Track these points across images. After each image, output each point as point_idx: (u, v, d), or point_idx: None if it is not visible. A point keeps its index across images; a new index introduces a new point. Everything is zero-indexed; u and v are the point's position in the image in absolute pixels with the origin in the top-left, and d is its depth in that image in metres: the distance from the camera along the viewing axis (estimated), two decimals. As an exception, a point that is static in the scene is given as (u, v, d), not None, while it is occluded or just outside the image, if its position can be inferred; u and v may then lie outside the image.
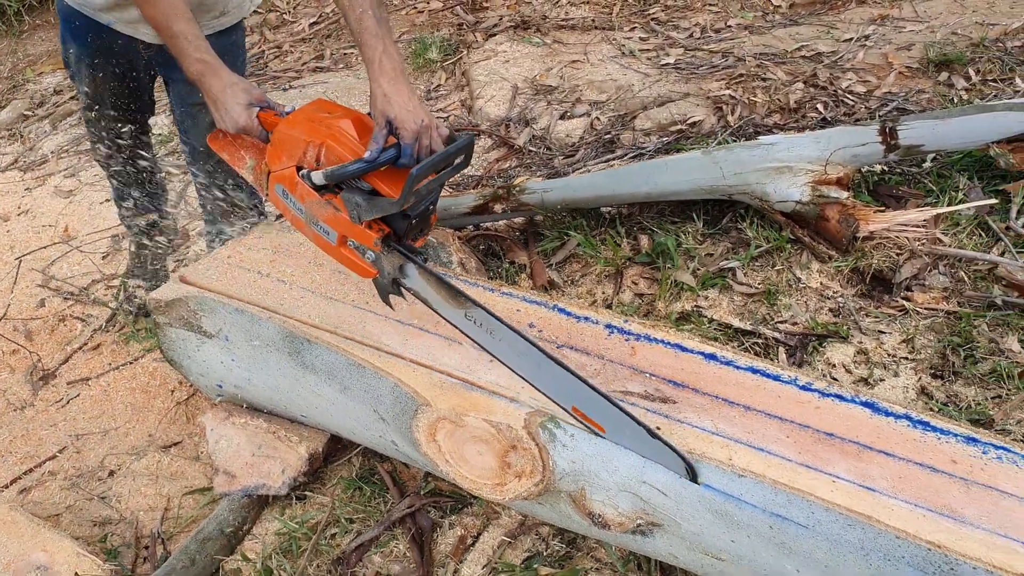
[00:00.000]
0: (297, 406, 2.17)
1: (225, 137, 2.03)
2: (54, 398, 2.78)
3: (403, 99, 1.77)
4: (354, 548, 2.05)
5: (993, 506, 1.49)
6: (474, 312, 1.73)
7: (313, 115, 1.81)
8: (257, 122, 1.90)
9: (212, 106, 1.95)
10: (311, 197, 1.78)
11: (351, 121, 1.76)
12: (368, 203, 1.72)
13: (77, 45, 2.38)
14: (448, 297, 1.76)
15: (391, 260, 1.79)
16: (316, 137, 1.75)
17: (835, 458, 1.60)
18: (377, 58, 1.83)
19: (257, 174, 1.98)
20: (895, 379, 2.29)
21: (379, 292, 1.87)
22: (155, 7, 1.92)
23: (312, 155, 1.75)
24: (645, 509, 1.67)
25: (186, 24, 1.92)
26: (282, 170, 1.82)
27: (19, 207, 3.91)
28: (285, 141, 1.80)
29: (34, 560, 2.09)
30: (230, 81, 1.92)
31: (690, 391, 1.79)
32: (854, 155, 2.65)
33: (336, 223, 1.78)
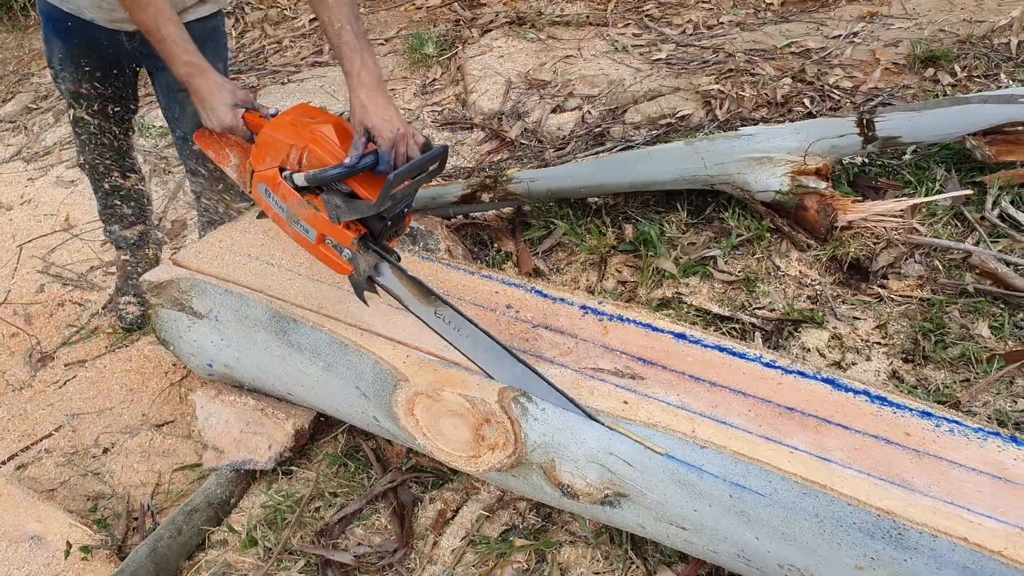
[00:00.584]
0: (284, 384, 2.24)
1: (211, 135, 2.12)
2: (52, 379, 2.86)
3: (380, 109, 1.86)
4: (337, 521, 2.12)
5: (942, 476, 1.55)
6: (443, 310, 1.83)
7: (297, 120, 1.89)
8: (242, 122, 1.98)
9: (199, 106, 2.03)
10: (293, 197, 1.86)
11: (332, 127, 1.84)
12: (347, 205, 1.80)
13: (61, 42, 2.42)
14: (419, 295, 1.86)
15: (367, 258, 1.87)
16: (299, 141, 1.83)
17: (794, 431, 1.66)
18: (356, 71, 1.92)
19: (241, 172, 2.07)
20: (867, 363, 2.35)
21: (354, 288, 1.95)
22: (144, 12, 1.99)
23: (295, 158, 1.83)
24: (612, 479, 1.73)
25: (174, 28, 2.00)
26: (265, 170, 1.90)
27: (22, 196, 3.99)
28: (269, 143, 1.88)
29: (28, 530, 2.16)
30: (217, 82, 2.00)
31: (659, 368, 1.85)
32: (833, 146, 2.71)
33: (316, 222, 1.86)
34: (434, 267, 2.24)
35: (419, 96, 4.28)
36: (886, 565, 1.48)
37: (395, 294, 1.89)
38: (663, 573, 1.93)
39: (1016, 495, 1.49)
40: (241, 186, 2.10)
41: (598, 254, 2.82)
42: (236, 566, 2.05)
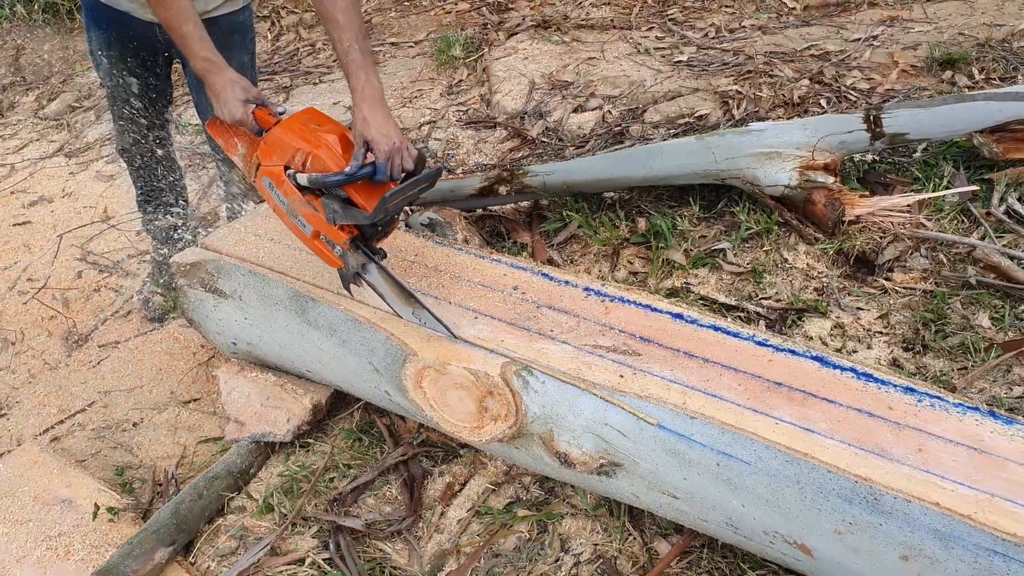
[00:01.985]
0: (303, 361, 2.35)
1: (221, 125, 2.26)
2: (86, 359, 3.00)
3: (380, 123, 2.00)
4: (350, 490, 2.22)
5: (920, 446, 1.61)
6: (420, 313, 2.01)
7: (306, 124, 2.04)
8: (252, 117, 2.12)
9: (214, 99, 2.18)
10: (294, 195, 2.02)
11: (337, 137, 1.99)
12: (343, 211, 1.96)
13: (99, 32, 2.58)
14: (400, 296, 2.03)
15: (356, 257, 2.03)
16: (306, 145, 1.98)
17: (781, 404, 1.73)
18: (361, 86, 2.06)
19: (247, 161, 2.21)
20: (868, 351, 2.41)
21: (342, 280, 2.10)
22: (167, 10, 2.15)
23: (300, 160, 1.98)
24: (607, 449, 1.81)
25: (193, 26, 2.16)
26: (271, 166, 2.05)
27: (63, 190, 4.16)
28: (278, 143, 2.03)
29: (59, 495, 2.29)
30: (231, 79, 2.15)
31: (655, 345, 1.93)
32: (841, 142, 2.77)
33: (313, 220, 2.02)
34: (446, 251, 2.34)
35: (445, 96, 4.40)
36: (863, 529, 1.55)
37: (379, 291, 2.06)
38: (659, 544, 2.00)
39: (989, 465, 1.55)
40: (245, 174, 2.25)
41: (611, 246, 2.90)
42: (253, 530, 2.16)
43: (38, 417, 2.76)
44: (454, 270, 2.25)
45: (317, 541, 2.12)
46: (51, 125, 4.87)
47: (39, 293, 3.40)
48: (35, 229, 3.87)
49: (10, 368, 3.03)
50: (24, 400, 2.87)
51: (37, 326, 3.23)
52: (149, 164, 2.89)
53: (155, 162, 2.89)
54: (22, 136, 4.79)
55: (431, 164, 2.12)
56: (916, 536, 1.49)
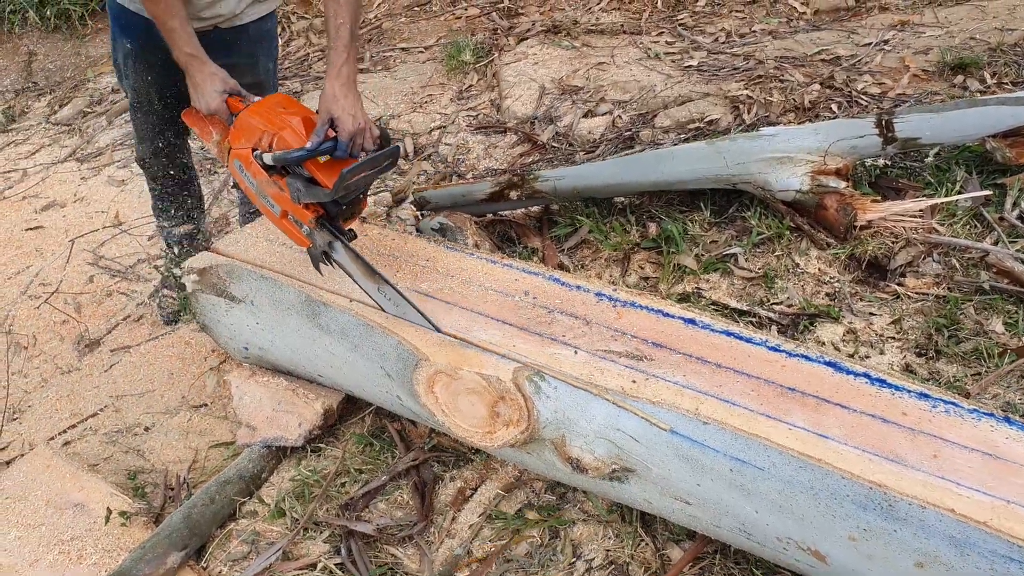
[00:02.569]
0: (314, 365, 2.35)
1: (197, 114, 2.36)
2: (98, 363, 3.01)
3: (348, 102, 2.07)
4: (362, 495, 2.22)
5: (935, 452, 1.60)
6: (385, 289, 2.06)
7: (272, 108, 2.13)
8: (225, 106, 2.22)
9: (193, 90, 2.29)
10: (261, 176, 2.08)
11: (301, 120, 2.06)
12: (307, 189, 2.01)
13: (128, 41, 2.61)
14: (365, 273, 2.07)
15: (323, 236, 2.07)
16: (271, 127, 2.06)
17: (794, 409, 1.73)
18: (339, 64, 2.14)
19: (220, 148, 2.29)
20: (880, 356, 2.40)
21: (312, 260, 2.15)
22: (156, 5, 2.26)
23: (266, 141, 2.05)
24: (619, 455, 1.81)
25: (179, 22, 2.28)
26: (240, 149, 2.12)
27: (75, 195, 4.18)
28: (246, 126, 2.11)
29: (72, 499, 2.30)
30: (211, 72, 2.26)
31: (668, 351, 1.93)
32: (852, 146, 2.77)
33: (280, 200, 2.07)
34: (457, 256, 2.34)
35: (455, 101, 4.40)
36: (878, 536, 1.54)
37: (346, 270, 2.11)
38: (671, 550, 2.00)
39: (1005, 471, 1.54)
40: (220, 159, 2.33)
41: (621, 251, 2.90)
42: (265, 534, 2.16)
43: (50, 421, 2.77)
44: (465, 275, 2.25)
45: (329, 546, 2.12)
46: (63, 130, 4.90)
47: (51, 298, 3.41)
48: (47, 234, 3.89)
49: (22, 372, 3.05)
50: (36, 404, 2.88)
51: (49, 330, 3.24)
52: (167, 174, 2.91)
53: (173, 171, 2.91)
54: (34, 141, 4.81)
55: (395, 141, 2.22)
56: (931, 543, 1.48)
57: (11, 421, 2.82)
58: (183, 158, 2.95)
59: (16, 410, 2.86)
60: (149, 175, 2.96)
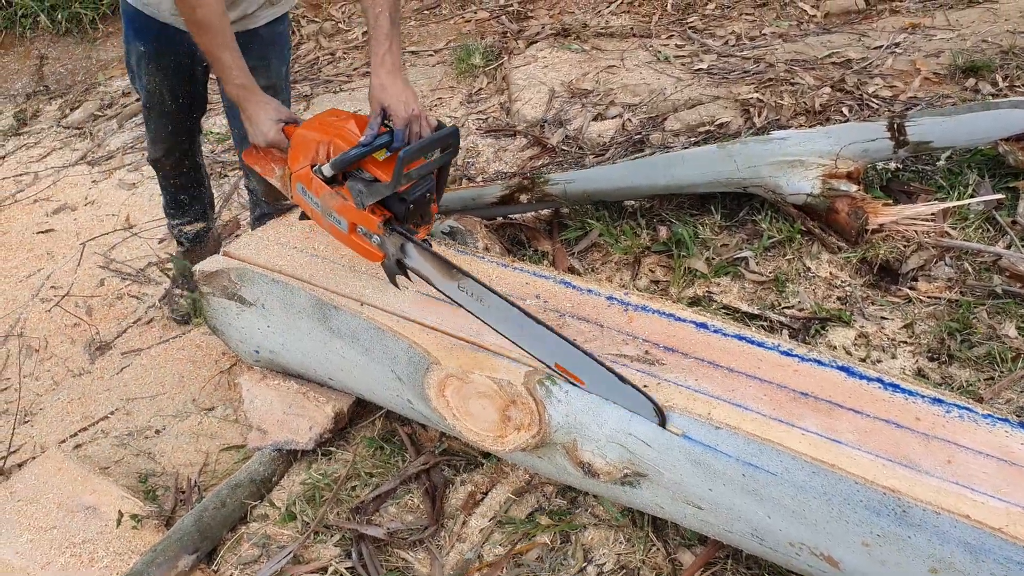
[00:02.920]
0: (325, 369, 2.35)
1: (257, 153, 2.28)
2: (109, 366, 3.02)
3: (397, 90, 2.01)
4: (372, 499, 2.22)
5: (949, 458, 1.59)
6: (465, 283, 1.90)
7: (324, 119, 2.07)
8: (283, 136, 2.15)
9: (247, 123, 2.21)
10: (323, 190, 2.01)
11: (355, 121, 2.01)
12: (368, 188, 1.93)
13: (141, 44, 2.60)
14: (443, 271, 1.93)
15: (393, 241, 1.99)
16: (325, 136, 1.99)
17: (807, 414, 1.72)
18: (382, 53, 2.08)
19: (284, 181, 2.22)
20: (892, 361, 2.39)
21: (387, 275, 2.07)
22: (205, 35, 2.18)
23: (323, 153, 1.99)
24: (631, 459, 1.80)
25: (230, 53, 2.19)
26: (300, 169, 2.06)
27: (86, 198, 4.19)
28: (301, 143, 2.05)
29: (83, 501, 2.30)
30: (264, 102, 2.19)
31: (679, 355, 1.92)
32: (864, 150, 2.76)
33: (345, 211, 2.00)
34: (468, 259, 2.33)
35: (465, 105, 4.40)
36: (891, 542, 1.54)
37: (422, 274, 1.98)
38: (683, 555, 1.99)
39: (1020, 476, 1.53)
40: (286, 193, 2.24)
41: (632, 254, 2.90)
42: (275, 538, 2.16)
43: (62, 424, 2.78)
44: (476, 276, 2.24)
45: (339, 550, 2.12)
46: (74, 134, 4.91)
47: (62, 301, 3.42)
48: (58, 237, 3.90)
49: (34, 375, 3.06)
50: (48, 407, 2.89)
51: (60, 333, 3.25)
52: (179, 174, 2.92)
53: (185, 171, 2.91)
54: (45, 144, 4.83)
55: None
56: (945, 549, 1.48)
57: (23, 424, 2.83)
58: (196, 158, 2.96)
59: (28, 413, 2.87)
60: (161, 175, 2.96)
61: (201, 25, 2.15)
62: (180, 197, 3.01)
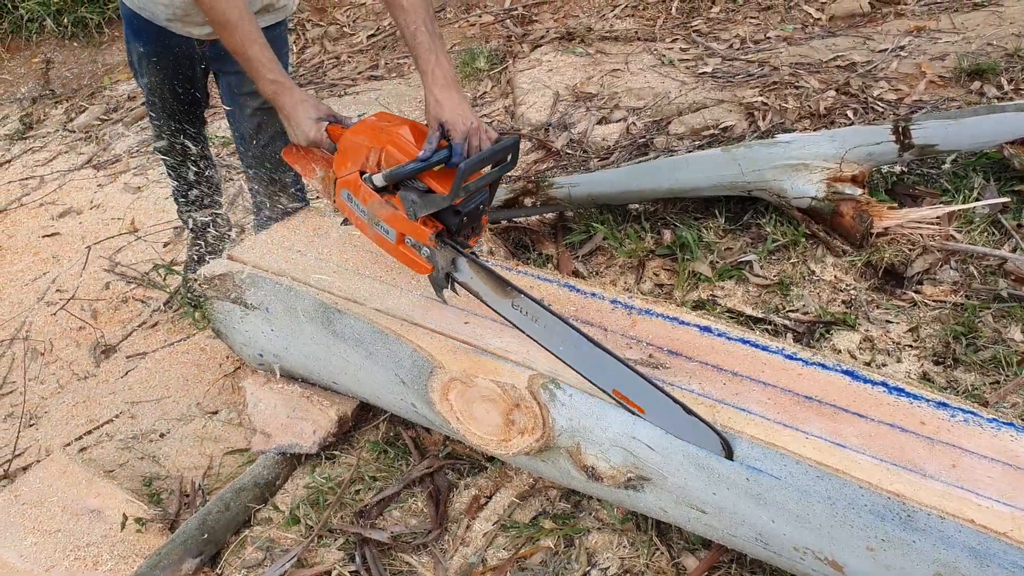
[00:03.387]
0: (329, 372, 2.35)
1: (298, 151, 2.21)
2: (114, 370, 3.02)
3: (454, 104, 1.94)
4: (376, 503, 2.22)
5: (954, 462, 1.59)
6: (520, 301, 1.82)
7: (375, 124, 1.98)
8: (325, 135, 2.07)
9: (285, 122, 2.14)
10: (373, 198, 1.94)
11: (408, 128, 1.92)
12: (423, 200, 1.85)
13: (140, 44, 2.60)
14: (496, 288, 1.86)
15: (444, 255, 1.92)
16: (377, 143, 1.90)
17: (811, 418, 1.72)
18: (431, 69, 2.01)
19: (326, 183, 2.15)
20: (898, 364, 2.38)
21: (434, 287, 2.00)
22: (232, 35, 2.11)
23: (374, 160, 1.91)
24: (635, 463, 1.80)
25: (260, 49, 2.11)
26: (347, 175, 1.99)
27: (91, 201, 4.20)
28: (350, 148, 1.97)
29: (88, 505, 2.30)
30: (301, 98, 2.11)
31: (683, 358, 1.92)
32: (869, 153, 2.75)
33: (395, 221, 1.93)
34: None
35: (472, 107, 4.40)
36: (896, 546, 1.53)
37: (472, 289, 1.92)
38: (687, 559, 1.99)
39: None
40: (326, 198, 2.18)
41: (636, 258, 2.89)
42: (279, 541, 2.16)
43: (67, 427, 2.79)
44: (480, 282, 2.25)
45: (343, 553, 2.12)
46: (80, 137, 4.92)
47: (68, 304, 3.43)
48: (64, 240, 3.91)
49: (39, 378, 3.06)
50: (53, 410, 2.89)
51: (66, 337, 3.25)
52: (186, 164, 2.91)
53: (190, 159, 2.90)
54: (51, 148, 4.84)
55: None
56: (951, 554, 1.47)
57: (28, 427, 2.83)
58: (200, 146, 2.93)
59: (33, 416, 2.88)
60: (168, 164, 2.96)
61: (226, 25, 2.10)
62: (184, 184, 2.99)
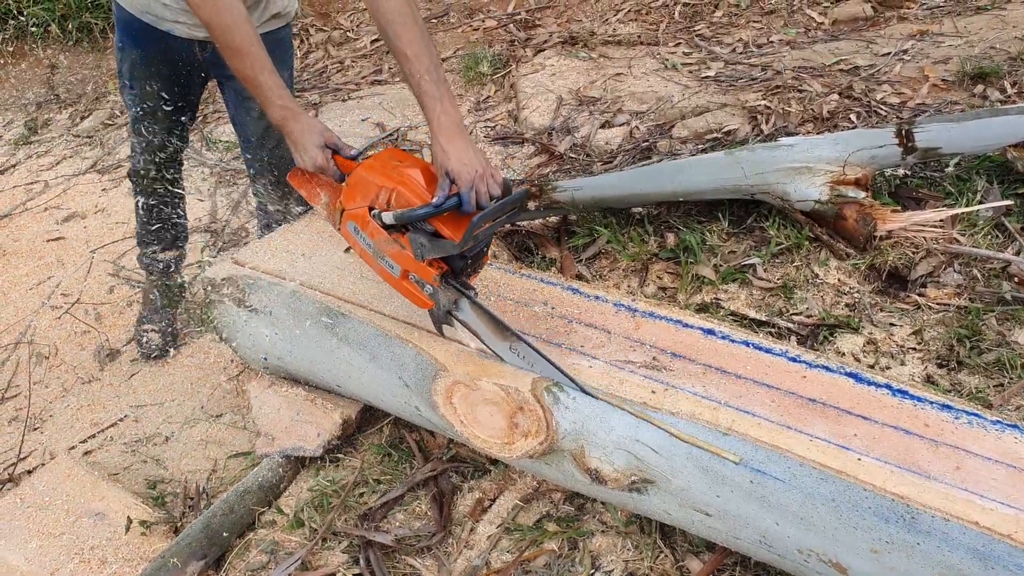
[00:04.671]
0: (333, 375, 2.35)
1: (303, 175, 2.25)
2: (118, 373, 3.04)
3: (459, 152, 1.93)
4: (380, 506, 2.22)
5: (957, 464, 1.59)
6: (518, 346, 1.91)
7: (387, 163, 2.00)
8: (332, 162, 2.11)
9: (293, 147, 2.15)
10: (380, 235, 1.97)
11: (420, 170, 1.95)
12: (431, 244, 1.88)
13: (138, 50, 2.56)
14: (496, 331, 1.93)
15: (447, 295, 1.95)
16: (389, 183, 1.93)
17: (815, 420, 1.72)
18: (436, 117, 2.00)
19: (331, 210, 2.18)
20: (901, 367, 2.38)
21: (433, 322, 2.03)
22: (243, 60, 2.12)
23: (384, 198, 1.93)
24: (639, 466, 1.80)
25: (269, 75, 2.13)
26: (355, 209, 2.01)
27: (95, 206, 4.22)
28: (360, 184, 1.99)
29: (92, 508, 2.31)
30: (308, 125, 2.13)
31: (687, 361, 1.92)
32: (872, 156, 2.75)
33: (401, 259, 1.96)
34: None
35: (473, 112, 4.42)
36: (900, 548, 1.53)
37: (472, 329, 1.97)
38: (691, 561, 1.99)
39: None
40: (330, 223, 2.21)
41: (640, 261, 2.90)
42: (283, 544, 2.17)
43: (71, 431, 2.80)
44: (484, 285, 2.25)
45: (347, 556, 2.12)
46: (84, 142, 4.94)
47: (72, 308, 3.44)
48: (68, 245, 3.93)
49: (44, 382, 3.07)
50: (57, 414, 2.90)
51: (70, 340, 3.27)
52: (163, 189, 2.86)
53: (166, 186, 2.86)
54: (56, 153, 4.86)
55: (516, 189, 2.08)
56: (955, 556, 1.47)
57: (32, 431, 2.84)
58: (177, 175, 2.90)
59: (37, 419, 2.89)
60: (143, 190, 2.89)
61: (237, 50, 2.11)
62: (154, 218, 2.94)
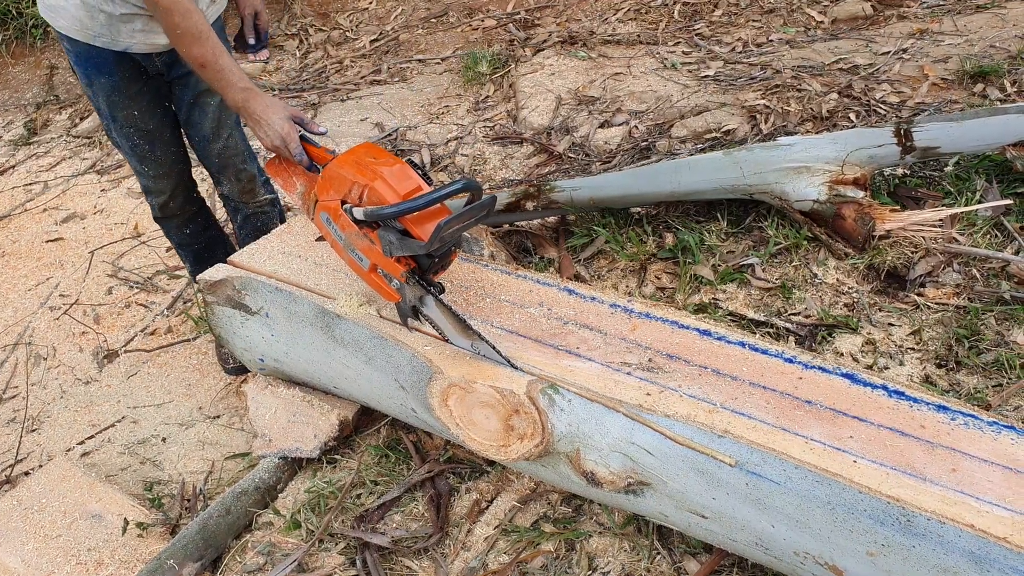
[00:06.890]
0: (329, 377, 2.35)
1: (279, 164, 2.26)
2: (116, 374, 3.03)
3: None
4: (377, 507, 2.22)
5: (953, 466, 1.58)
6: (479, 346, 1.95)
7: (362, 159, 2.02)
8: (298, 139, 2.12)
9: (255, 127, 2.16)
10: (351, 229, 2.01)
11: (395, 168, 1.97)
12: (400, 242, 1.92)
13: (104, 77, 2.44)
14: (458, 329, 1.97)
15: (413, 290, 1.99)
16: (362, 179, 1.96)
17: (811, 422, 1.71)
18: None
19: (305, 199, 2.21)
20: (900, 367, 2.38)
21: (399, 315, 2.08)
22: (203, 46, 2.15)
23: (356, 193, 1.96)
24: (635, 468, 1.79)
25: (228, 59, 2.18)
26: (328, 201, 2.04)
27: (95, 206, 4.22)
28: (334, 178, 2.02)
29: (89, 509, 2.31)
30: (271, 101, 2.15)
31: (682, 362, 1.91)
32: (871, 156, 2.75)
33: (370, 253, 2.00)
34: (473, 267, 2.33)
35: (472, 112, 4.41)
36: (896, 551, 1.52)
37: (436, 325, 2.02)
38: (688, 563, 1.98)
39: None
40: (304, 212, 2.24)
41: (638, 261, 2.89)
42: (280, 546, 2.16)
43: (69, 432, 2.80)
44: (481, 286, 2.25)
45: (344, 558, 2.12)
46: (83, 143, 4.94)
47: (71, 309, 3.44)
48: (67, 245, 3.92)
49: (41, 383, 3.07)
50: (55, 415, 2.90)
51: (68, 341, 3.26)
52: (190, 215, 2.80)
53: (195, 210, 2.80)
54: (55, 154, 4.86)
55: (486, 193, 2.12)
56: (951, 559, 1.46)
57: (30, 432, 2.84)
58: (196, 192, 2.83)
59: (35, 421, 2.89)
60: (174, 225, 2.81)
61: (197, 36, 2.13)
62: (198, 246, 2.88)
